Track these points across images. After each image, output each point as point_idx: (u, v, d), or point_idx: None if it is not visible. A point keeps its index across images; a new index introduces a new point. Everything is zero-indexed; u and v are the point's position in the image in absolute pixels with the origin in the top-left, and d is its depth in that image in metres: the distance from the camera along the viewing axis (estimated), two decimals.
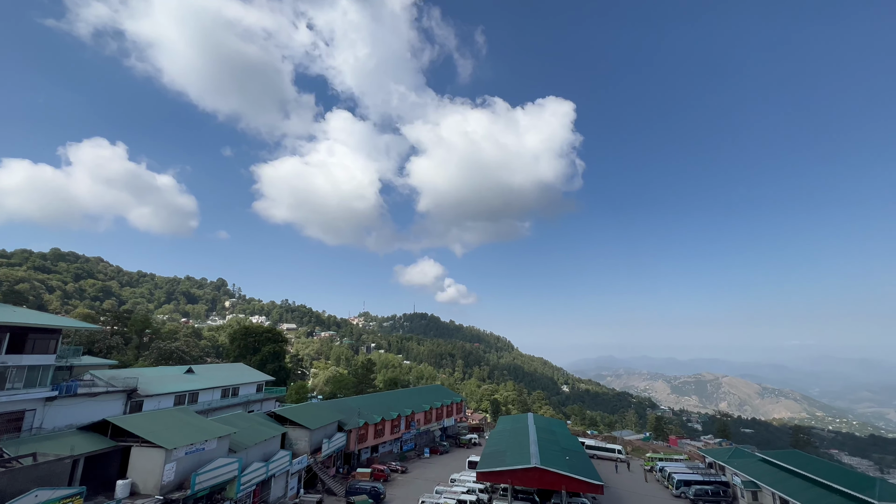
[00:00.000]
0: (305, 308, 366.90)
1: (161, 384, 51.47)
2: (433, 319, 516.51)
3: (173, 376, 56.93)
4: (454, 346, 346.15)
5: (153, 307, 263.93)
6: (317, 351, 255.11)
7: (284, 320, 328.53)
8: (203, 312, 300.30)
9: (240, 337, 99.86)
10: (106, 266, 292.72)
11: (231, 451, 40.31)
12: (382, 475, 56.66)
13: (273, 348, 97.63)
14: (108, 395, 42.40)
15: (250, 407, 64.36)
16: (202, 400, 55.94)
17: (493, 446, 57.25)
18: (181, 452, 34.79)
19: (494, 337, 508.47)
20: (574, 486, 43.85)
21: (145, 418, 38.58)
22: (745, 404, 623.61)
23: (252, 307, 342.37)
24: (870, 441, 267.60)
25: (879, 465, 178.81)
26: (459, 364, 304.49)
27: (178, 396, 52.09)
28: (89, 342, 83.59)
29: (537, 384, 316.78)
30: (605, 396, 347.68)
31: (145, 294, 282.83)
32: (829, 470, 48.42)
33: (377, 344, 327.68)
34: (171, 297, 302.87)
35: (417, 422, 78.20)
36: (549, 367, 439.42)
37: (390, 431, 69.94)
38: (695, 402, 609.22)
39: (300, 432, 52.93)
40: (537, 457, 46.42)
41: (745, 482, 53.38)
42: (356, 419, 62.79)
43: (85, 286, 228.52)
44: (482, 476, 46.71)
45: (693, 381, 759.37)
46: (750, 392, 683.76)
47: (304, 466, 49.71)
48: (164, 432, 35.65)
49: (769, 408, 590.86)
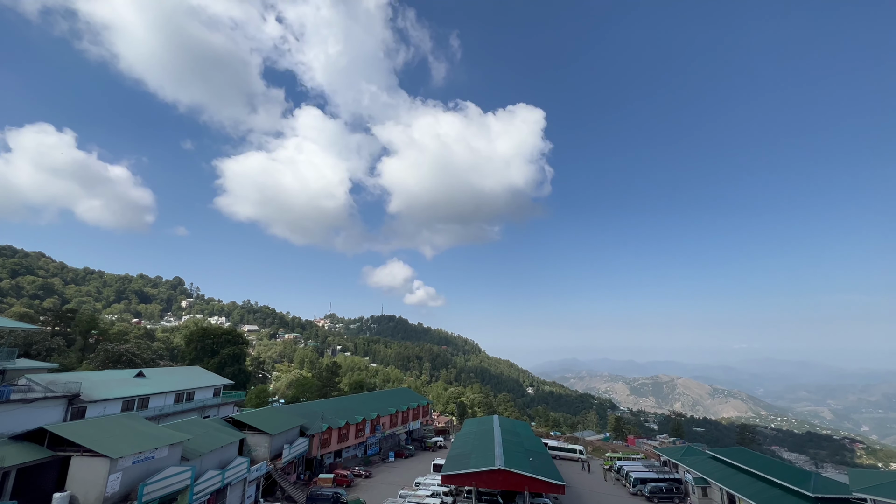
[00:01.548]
0: (269, 309, 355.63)
1: (107, 389, 48.17)
2: (401, 322, 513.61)
3: (121, 380, 53.38)
4: (422, 348, 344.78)
5: (101, 306, 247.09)
6: (280, 353, 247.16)
7: (246, 322, 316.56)
8: (157, 313, 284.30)
9: (197, 339, 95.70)
10: (48, 262, 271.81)
11: (184, 458, 38.30)
12: (346, 481, 55.56)
13: (233, 350, 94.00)
14: (47, 400, 39.17)
15: (206, 412, 61.51)
16: (153, 405, 52.85)
17: (459, 449, 57.35)
18: (128, 461, 32.65)
19: (462, 340, 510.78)
20: (537, 486, 44.65)
21: (88, 426, 35.94)
22: (697, 404, 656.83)
23: (211, 308, 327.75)
24: (806, 438, 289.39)
25: (814, 460, 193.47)
26: (427, 367, 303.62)
27: (126, 402, 48.92)
28: (26, 344, 77.12)
29: (503, 386, 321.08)
30: (569, 398, 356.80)
31: (92, 292, 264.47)
32: (770, 465, 51.76)
33: (343, 346, 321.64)
34: (122, 295, 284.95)
35: (383, 425, 77.30)
36: (515, 370, 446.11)
37: (355, 435, 68.76)
38: (652, 403, 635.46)
39: (260, 438, 51.15)
40: (502, 458, 46.91)
41: (695, 479, 56.22)
42: (319, 423, 61.35)
43: (23, 283, 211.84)
44: (447, 479, 46.66)
45: (650, 382, 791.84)
46: (702, 393, 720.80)
47: (262, 473, 47.92)
48: (108, 440, 33.31)
49: (719, 407, 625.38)
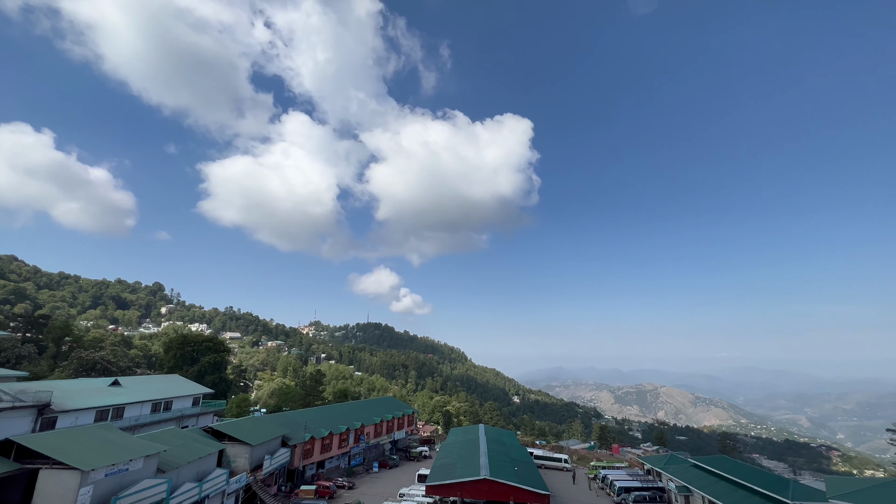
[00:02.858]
0: (252, 316, 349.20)
1: (80, 398, 46.46)
2: (387, 329, 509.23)
3: (95, 389, 51.57)
4: (408, 356, 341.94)
5: (76, 312, 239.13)
6: (262, 361, 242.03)
7: (228, 329, 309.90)
8: (135, 319, 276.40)
9: (176, 346, 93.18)
10: (20, 266, 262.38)
11: (160, 471, 37.00)
12: (328, 492, 54.41)
13: (213, 358, 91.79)
14: (15, 410, 37.57)
15: (185, 422, 59.77)
16: (129, 415, 51.11)
17: (444, 459, 56.84)
18: (100, 474, 31.38)
19: (448, 348, 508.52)
20: (522, 496, 44.45)
21: (58, 436, 34.48)
22: (680, 413, 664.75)
23: (192, 314, 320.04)
24: (785, 445, 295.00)
25: (793, 468, 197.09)
26: (412, 375, 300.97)
27: (100, 412, 47.21)
28: None
29: (489, 395, 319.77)
30: (554, 407, 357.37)
31: (67, 298, 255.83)
32: (750, 473, 52.56)
33: (328, 354, 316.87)
34: (99, 301, 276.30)
35: (367, 435, 76.14)
36: (501, 379, 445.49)
37: (338, 446, 67.53)
38: (636, 412, 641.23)
39: (240, 448, 49.81)
40: (487, 468, 46.65)
41: (678, 487, 56.72)
42: (302, 433, 60.10)
43: None
44: (431, 490, 46.14)
45: (635, 391, 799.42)
46: (684, 401, 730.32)
47: (242, 485, 46.57)
48: (80, 452, 31.98)
49: (701, 416, 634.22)
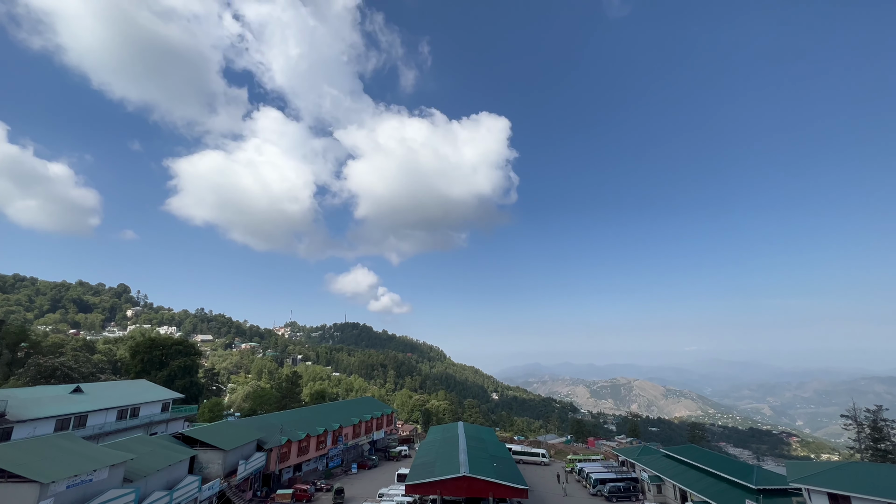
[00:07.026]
0: (224, 318, 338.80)
1: (38, 407, 44.07)
2: (365, 329, 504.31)
3: (55, 397, 49.00)
4: (386, 356, 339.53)
5: (32, 316, 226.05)
6: (236, 364, 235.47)
7: (199, 331, 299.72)
8: (99, 323, 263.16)
9: (143, 350, 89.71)
10: None
11: (127, 480, 35.50)
12: (305, 495, 53.46)
13: (183, 362, 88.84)
14: None
15: (154, 429, 57.59)
16: (92, 423, 48.84)
17: (423, 457, 56.77)
18: (61, 486, 29.83)
19: (427, 346, 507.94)
20: (501, 492, 44.91)
21: (14, 448, 32.51)
22: (652, 405, 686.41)
23: (160, 317, 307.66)
24: (749, 433, 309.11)
25: (756, 454, 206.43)
26: (391, 375, 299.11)
27: (60, 420, 44.94)
28: None
29: (468, 393, 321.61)
30: (532, 402, 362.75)
31: (23, 301, 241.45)
32: (718, 461, 54.93)
33: (304, 355, 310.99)
34: (58, 304, 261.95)
35: (345, 436, 75.24)
36: (480, 376, 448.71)
37: (316, 448, 66.47)
38: (611, 405, 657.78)
39: (213, 454, 48.33)
40: (466, 465, 46.88)
41: (650, 477, 58.65)
42: (278, 437, 58.87)
43: None
44: (411, 488, 46.00)
45: (609, 385, 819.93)
46: (656, 394, 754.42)
47: (215, 492, 45.26)
48: (38, 464, 30.31)
49: (672, 407, 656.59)
